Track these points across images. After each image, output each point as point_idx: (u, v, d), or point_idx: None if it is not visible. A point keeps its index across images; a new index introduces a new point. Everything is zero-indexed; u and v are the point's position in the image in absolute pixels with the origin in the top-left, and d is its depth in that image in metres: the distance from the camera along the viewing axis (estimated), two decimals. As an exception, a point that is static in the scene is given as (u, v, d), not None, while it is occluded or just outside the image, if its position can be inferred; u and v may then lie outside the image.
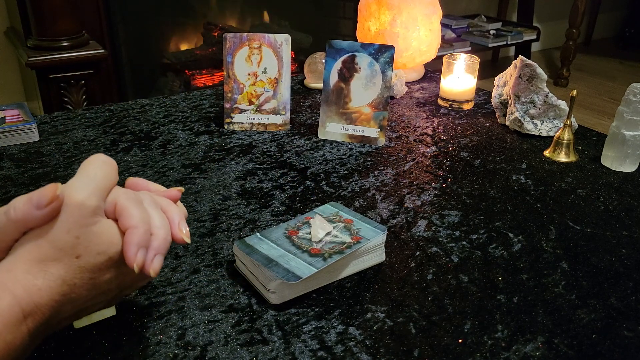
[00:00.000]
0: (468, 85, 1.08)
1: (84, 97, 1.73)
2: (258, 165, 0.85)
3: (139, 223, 0.42)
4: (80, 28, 1.74)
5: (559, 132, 0.87)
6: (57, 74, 1.66)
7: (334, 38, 0.95)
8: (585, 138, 0.95)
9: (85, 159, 0.43)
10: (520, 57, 0.95)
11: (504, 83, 1.00)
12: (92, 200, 0.40)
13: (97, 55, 1.70)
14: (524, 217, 0.71)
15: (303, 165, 0.85)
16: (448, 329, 0.53)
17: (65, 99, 1.70)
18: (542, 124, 0.95)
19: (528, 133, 0.95)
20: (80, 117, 1.01)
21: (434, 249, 0.65)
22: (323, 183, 0.79)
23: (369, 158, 0.88)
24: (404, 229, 0.68)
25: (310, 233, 0.60)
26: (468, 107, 1.09)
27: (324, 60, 0.94)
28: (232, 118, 0.97)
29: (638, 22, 3.96)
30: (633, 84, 0.80)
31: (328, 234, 0.60)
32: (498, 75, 1.03)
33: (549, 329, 0.53)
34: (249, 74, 0.96)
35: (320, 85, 1.06)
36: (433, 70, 1.32)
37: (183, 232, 0.46)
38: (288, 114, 0.97)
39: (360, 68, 0.91)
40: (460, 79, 1.08)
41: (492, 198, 0.76)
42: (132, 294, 0.56)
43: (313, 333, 0.52)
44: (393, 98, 1.14)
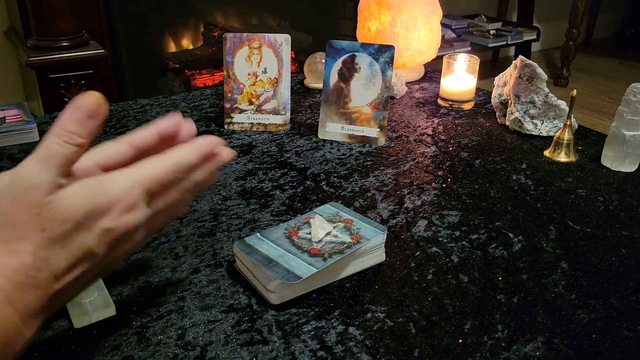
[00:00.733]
0: (468, 85, 1.08)
1: (84, 97, 1.73)
2: (258, 165, 0.85)
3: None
4: (80, 28, 1.74)
5: (559, 132, 0.87)
6: (57, 74, 1.66)
7: (334, 38, 0.95)
8: (585, 138, 0.95)
9: (47, 132, 0.41)
10: (520, 57, 0.95)
11: (504, 83, 1.00)
12: (47, 182, 0.39)
13: (97, 55, 1.70)
14: (524, 217, 0.71)
15: (303, 165, 0.85)
16: (448, 329, 0.53)
17: (65, 99, 1.70)
18: (542, 124, 0.95)
19: (528, 133, 0.95)
20: (80, 117, 1.01)
21: (434, 249, 0.65)
22: (323, 183, 0.79)
23: (369, 158, 0.88)
24: (404, 229, 0.68)
25: (310, 233, 0.60)
26: (468, 107, 1.09)
27: (324, 60, 0.94)
28: (232, 118, 0.97)
29: (638, 22, 3.96)
30: (633, 84, 0.80)
31: (328, 234, 0.60)
32: (498, 75, 1.03)
33: (549, 329, 0.53)
34: (249, 74, 0.96)
35: (320, 85, 1.06)
36: (433, 70, 1.32)
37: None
38: (288, 114, 0.97)
39: (360, 68, 0.91)
40: (460, 79, 1.08)
41: (492, 198, 0.76)
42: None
43: (313, 333, 0.52)
44: (393, 98, 1.14)
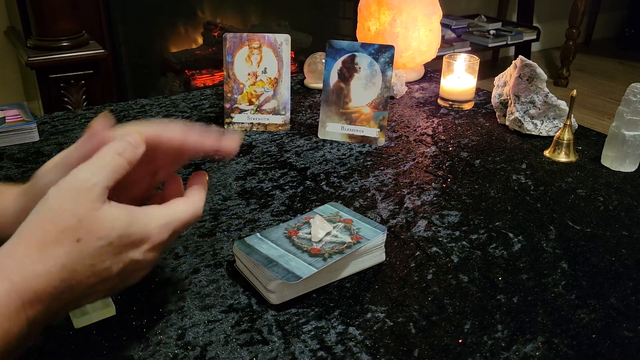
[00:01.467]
0: (468, 85, 1.08)
1: (84, 97, 1.73)
2: (258, 165, 0.85)
3: None
4: (80, 28, 1.74)
5: (559, 132, 0.87)
6: (57, 74, 1.66)
7: (334, 38, 0.95)
8: (585, 138, 0.95)
9: (104, 145, 0.43)
10: (520, 57, 0.95)
11: (504, 83, 1.00)
12: (99, 186, 0.41)
13: (97, 55, 1.70)
14: (524, 217, 0.71)
15: (303, 165, 0.85)
16: (448, 329, 0.53)
17: (65, 99, 1.70)
18: (542, 124, 0.95)
19: (528, 133, 0.95)
20: (80, 117, 1.01)
21: (434, 249, 0.65)
22: (323, 183, 0.79)
23: (369, 158, 0.88)
24: (404, 229, 0.69)
25: (310, 233, 0.60)
26: (468, 107, 1.09)
27: (324, 61, 0.94)
28: (232, 118, 0.97)
29: (638, 22, 3.96)
30: (633, 84, 0.80)
31: (328, 234, 0.60)
32: (498, 75, 1.03)
33: (549, 329, 0.53)
34: (249, 74, 0.96)
35: (320, 85, 1.06)
36: (433, 70, 1.32)
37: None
38: (288, 114, 0.97)
39: (360, 68, 0.91)
40: (460, 79, 1.08)
41: (492, 198, 0.76)
42: (133, 286, 0.56)
43: (313, 333, 0.52)
44: (393, 98, 1.14)
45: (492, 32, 3.11)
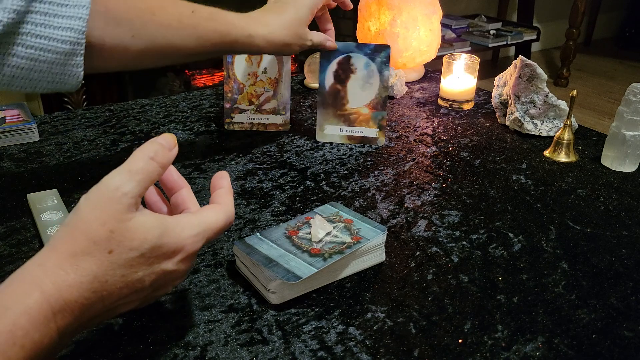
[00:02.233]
0: (468, 85, 1.08)
1: (84, 97, 1.73)
2: (258, 165, 0.85)
3: None
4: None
5: (559, 132, 0.87)
6: (57, 74, 1.66)
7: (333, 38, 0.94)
8: (586, 138, 0.95)
9: (135, 151, 0.43)
10: (520, 57, 0.95)
11: (504, 83, 1.00)
12: (130, 195, 0.40)
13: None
14: (524, 217, 0.71)
15: (303, 165, 0.85)
16: (448, 329, 0.53)
17: (65, 99, 1.70)
18: (542, 124, 0.95)
19: (528, 133, 0.95)
20: (80, 117, 1.01)
21: (434, 249, 0.65)
22: (323, 183, 0.80)
23: (369, 158, 0.88)
24: (404, 229, 0.69)
25: (310, 233, 0.60)
26: (468, 107, 1.09)
27: (320, 63, 0.93)
28: (232, 118, 0.97)
29: (638, 22, 3.96)
30: (633, 84, 0.80)
31: (328, 234, 0.60)
32: (498, 75, 1.03)
33: (549, 329, 0.53)
34: (249, 74, 0.96)
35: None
36: (433, 70, 1.32)
37: None
38: (288, 114, 0.97)
39: (357, 69, 0.90)
40: (460, 79, 1.08)
41: (492, 198, 0.76)
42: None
43: (313, 333, 0.52)
44: (393, 98, 1.14)
45: (492, 32, 3.11)
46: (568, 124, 0.86)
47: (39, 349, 0.37)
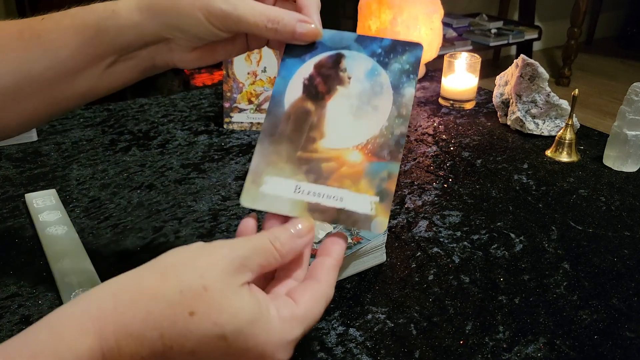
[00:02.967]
0: (469, 85, 1.07)
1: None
2: (258, 165, 0.84)
3: None
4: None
5: (561, 131, 0.87)
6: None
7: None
8: (587, 138, 0.95)
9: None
10: (522, 56, 0.94)
11: (506, 82, 1.00)
12: (240, 261, 0.35)
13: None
14: (526, 217, 0.71)
15: (303, 165, 0.84)
16: (449, 330, 0.52)
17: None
18: (543, 124, 0.94)
19: (530, 133, 0.94)
20: (79, 116, 1.01)
21: (435, 250, 0.64)
22: (323, 183, 0.79)
23: (370, 158, 0.87)
24: (405, 230, 0.68)
25: (310, 233, 0.59)
26: (469, 106, 1.08)
27: (282, 61, 0.49)
28: (231, 117, 0.97)
29: (640, 21, 3.95)
30: (635, 84, 0.79)
31: (328, 235, 0.60)
32: (499, 75, 1.02)
33: (551, 330, 0.52)
34: (249, 73, 0.95)
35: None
36: (434, 70, 1.31)
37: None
38: (288, 114, 0.96)
39: (350, 78, 0.47)
40: (462, 79, 1.07)
41: (493, 198, 0.75)
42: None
43: (313, 334, 0.51)
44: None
45: (493, 31, 3.10)
46: (570, 124, 0.86)
47: None
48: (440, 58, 1.18)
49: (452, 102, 1.09)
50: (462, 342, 0.51)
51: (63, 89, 0.46)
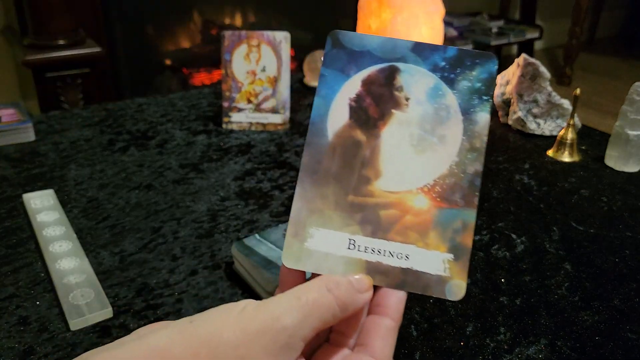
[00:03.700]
0: (470, 84, 1.06)
1: (81, 96, 1.72)
2: (257, 165, 0.84)
3: None
4: (77, 26, 1.73)
5: (562, 131, 0.86)
6: (53, 73, 1.66)
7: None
8: (589, 137, 0.94)
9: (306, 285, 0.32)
10: (523, 55, 0.94)
11: (507, 82, 0.99)
12: (290, 333, 0.29)
13: (93, 54, 1.69)
14: (527, 217, 0.70)
15: (303, 165, 0.84)
16: (450, 332, 0.52)
17: (62, 98, 1.70)
18: (545, 123, 0.94)
19: (531, 132, 0.94)
20: (77, 116, 1.00)
21: (435, 250, 0.64)
22: (323, 183, 0.78)
23: (370, 157, 0.87)
24: (405, 230, 0.68)
25: (309, 234, 0.58)
26: (470, 105, 1.08)
27: (320, 77, 0.41)
28: (230, 117, 0.96)
29: (640, 20, 3.95)
30: (637, 83, 0.79)
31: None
32: (500, 74, 1.02)
33: (552, 331, 0.52)
34: (248, 73, 0.95)
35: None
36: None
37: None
38: (287, 113, 0.96)
39: (409, 100, 0.39)
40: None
41: (494, 198, 0.75)
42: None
43: (312, 336, 0.51)
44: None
45: (494, 30, 3.10)
46: (571, 124, 0.85)
47: None
48: (441, 57, 1.17)
49: (452, 101, 1.08)
50: (462, 343, 0.50)
51: None
